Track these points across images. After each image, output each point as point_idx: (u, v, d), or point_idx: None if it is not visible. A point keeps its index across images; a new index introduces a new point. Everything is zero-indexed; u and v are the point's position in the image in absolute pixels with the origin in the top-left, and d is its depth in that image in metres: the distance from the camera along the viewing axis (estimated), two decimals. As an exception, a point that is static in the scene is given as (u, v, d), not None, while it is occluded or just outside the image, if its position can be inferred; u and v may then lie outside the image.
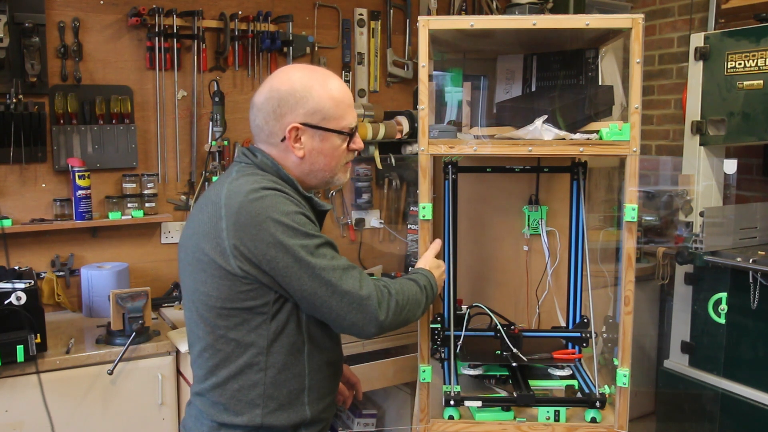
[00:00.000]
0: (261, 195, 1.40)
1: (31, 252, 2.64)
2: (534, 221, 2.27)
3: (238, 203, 1.39)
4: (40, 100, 2.56)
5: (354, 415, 3.05)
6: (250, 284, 1.41)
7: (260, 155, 1.52)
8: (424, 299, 1.62)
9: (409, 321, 1.57)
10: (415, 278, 1.64)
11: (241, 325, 1.43)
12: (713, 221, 2.77)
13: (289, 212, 1.40)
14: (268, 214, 1.38)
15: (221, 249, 1.40)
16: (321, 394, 1.53)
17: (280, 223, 1.38)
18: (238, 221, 1.39)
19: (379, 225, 3.32)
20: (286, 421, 1.47)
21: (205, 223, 1.43)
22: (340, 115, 1.52)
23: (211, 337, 1.46)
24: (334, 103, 1.51)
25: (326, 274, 1.40)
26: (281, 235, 1.37)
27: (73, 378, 2.20)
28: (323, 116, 1.50)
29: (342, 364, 1.68)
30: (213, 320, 1.45)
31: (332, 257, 1.44)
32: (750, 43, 2.67)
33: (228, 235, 1.39)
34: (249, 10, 2.96)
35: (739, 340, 2.75)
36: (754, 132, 2.70)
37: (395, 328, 1.52)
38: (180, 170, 2.89)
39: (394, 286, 1.53)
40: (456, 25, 1.88)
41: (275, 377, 1.46)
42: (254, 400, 1.45)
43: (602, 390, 1.90)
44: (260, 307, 1.42)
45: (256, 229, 1.37)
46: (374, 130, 3.10)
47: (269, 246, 1.37)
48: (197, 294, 1.46)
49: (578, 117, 1.99)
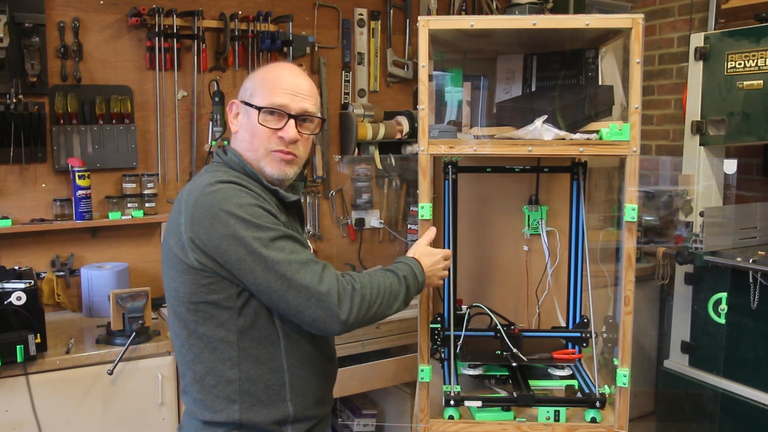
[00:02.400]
0: (216, 188, 1.41)
1: (31, 252, 2.64)
2: (534, 221, 2.27)
3: (194, 197, 1.41)
4: (40, 100, 2.56)
5: (354, 415, 3.05)
6: (210, 277, 1.41)
7: (230, 152, 1.54)
8: (402, 291, 1.53)
9: (385, 315, 1.50)
10: (394, 268, 1.57)
11: (209, 320, 1.44)
12: (713, 221, 2.77)
13: (242, 204, 1.39)
14: (221, 206, 1.38)
15: (181, 243, 1.41)
16: (304, 391, 1.52)
17: (233, 215, 1.37)
18: (194, 214, 1.40)
19: (379, 225, 3.32)
20: (267, 417, 1.47)
21: (171, 220, 1.46)
22: (267, 94, 1.50)
23: (185, 333, 1.47)
24: (264, 81, 1.52)
25: (280, 267, 1.37)
26: (234, 227, 1.37)
27: (73, 378, 2.20)
28: (252, 92, 1.52)
29: (333, 360, 1.65)
30: (184, 315, 1.46)
31: (291, 251, 1.40)
32: (750, 43, 2.67)
33: (185, 228, 1.40)
34: (249, 10, 2.96)
35: (739, 340, 2.75)
36: (754, 132, 2.70)
37: (365, 324, 1.47)
38: (180, 170, 2.89)
39: (361, 280, 1.46)
40: (456, 25, 1.88)
41: (249, 372, 1.45)
42: (231, 396, 1.45)
43: (602, 390, 1.90)
44: (224, 300, 1.42)
45: (210, 222, 1.38)
46: (374, 130, 3.10)
47: (222, 238, 1.37)
48: (170, 290, 1.48)
49: (578, 117, 1.99)
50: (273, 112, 1.50)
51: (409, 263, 1.61)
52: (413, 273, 1.58)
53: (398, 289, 1.52)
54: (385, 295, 1.48)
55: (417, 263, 1.62)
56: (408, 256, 1.67)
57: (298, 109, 1.51)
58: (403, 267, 1.58)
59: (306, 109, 1.52)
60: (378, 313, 1.47)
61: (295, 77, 1.53)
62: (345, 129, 3.17)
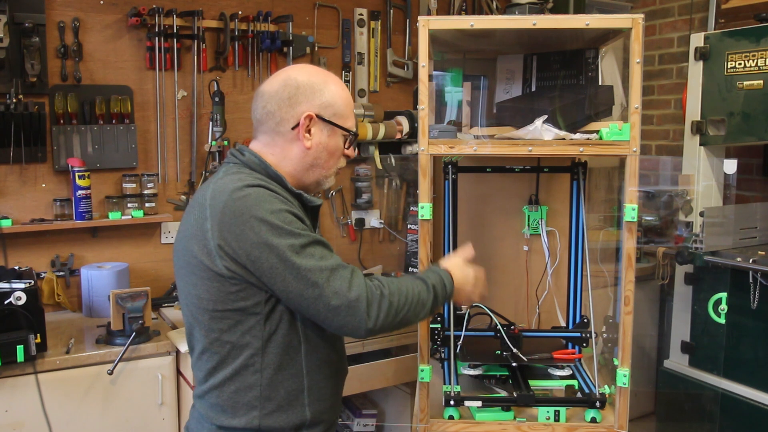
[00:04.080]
0: (245, 193, 1.37)
1: (31, 252, 2.64)
2: (534, 221, 2.27)
3: (222, 202, 1.37)
4: (40, 100, 2.56)
5: (354, 415, 3.05)
6: (238, 285, 1.38)
7: (248, 153, 1.50)
8: (430, 299, 1.52)
9: (411, 322, 1.49)
10: (424, 276, 1.55)
11: (235, 327, 1.42)
12: (713, 221, 2.77)
13: (274, 210, 1.36)
14: (252, 212, 1.35)
15: (207, 250, 1.38)
16: (321, 395, 1.52)
17: (265, 222, 1.34)
18: (223, 221, 1.36)
19: (379, 225, 3.32)
20: (285, 422, 1.46)
21: (193, 225, 1.42)
22: (348, 116, 1.53)
23: (207, 340, 1.45)
24: (344, 102, 1.52)
25: (312, 275, 1.35)
26: (266, 235, 1.34)
27: (73, 378, 2.20)
28: (334, 112, 1.50)
29: (344, 363, 1.65)
30: (207, 323, 1.43)
31: (321, 257, 1.38)
32: (750, 43, 2.67)
33: (213, 235, 1.37)
34: (249, 10, 2.96)
35: (739, 340, 2.75)
36: (754, 132, 2.70)
37: (391, 330, 1.47)
38: (180, 170, 2.88)
39: (390, 286, 1.45)
40: (456, 25, 1.88)
41: (271, 378, 1.44)
42: (251, 402, 1.44)
43: (602, 390, 1.90)
44: (252, 307, 1.40)
45: (240, 229, 1.35)
46: (374, 130, 3.10)
47: (253, 246, 1.34)
48: (190, 297, 1.45)
49: (578, 117, 1.99)
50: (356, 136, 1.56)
51: (439, 273, 1.59)
52: (443, 283, 1.56)
53: (426, 298, 1.51)
54: (413, 302, 1.47)
55: (448, 274, 1.60)
56: (440, 266, 1.64)
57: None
58: (433, 276, 1.56)
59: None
60: (404, 320, 1.46)
61: (349, 95, 1.57)
62: (345, 129, 3.16)
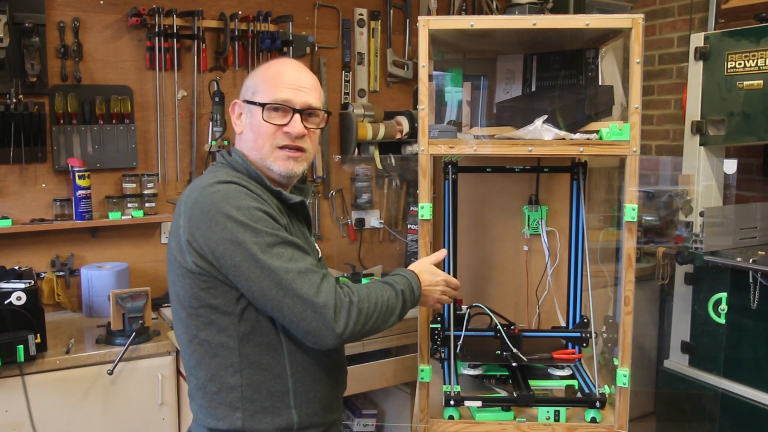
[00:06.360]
0: (215, 189, 1.37)
1: (31, 252, 2.64)
2: (534, 221, 2.27)
3: (194, 198, 1.38)
4: (40, 100, 2.56)
5: (354, 415, 3.05)
6: (207, 281, 1.37)
7: (234, 154, 1.51)
8: (399, 305, 1.48)
9: (379, 329, 1.45)
10: (392, 281, 1.52)
11: (209, 325, 1.41)
12: (713, 221, 2.77)
13: (242, 207, 1.34)
14: (219, 208, 1.34)
15: (180, 246, 1.38)
16: (310, 398, 1.48)
17: (231, 218, 1.33)
18: (192, 216, 1.36)
19: (379, 225, 3.32)
20: (270, 425, 1.43)
21: (172, 223, 1.43)
22: (269, 90, 1.47)
23: (187, 338, 1.45)
24: (266, 78, 1.50)
25: (277, 275, 1.32)
26: (232, 231, 1.32)
27: (73, 378, 2.20)
28: (254, 90, 1.50)
29: (339, 365, 1.60)
30: (185, 320, 1.43)
31: (290, 258, 1.35)
32: (750, 43, 2.67)
33: (183, 231, 1.37)
34: (249, 10, 2.96)
35: (739, 340, 2.75)
36: (754, 132, 2.70)
37: (361, 338, 1.44)
38: (180, 170, 2.88)
39: (359, 293, 1.41)
40: (456, 25, 1.88)
41: (252, 378, 1.42)
42: (233, 403, 1.42)
43: (602, 390, 1.90)
44: (224, 305, 1.39)
45: (207, 224, 1.34)
46: (374, 130, 3.10)
47: (218, 242, 1.33)
48: (172, 294, 1.46)
49: (578, 117, 1.99)
50: (277, 108, 1.47)
51: (407, 276, 1.55)
52: (410, 287, 1.53)
53: (395, 304, 1.48)
54: (382, 309, 1.44)
55: (415, 277, 1.57)
56: (408, 269, 1.61)
57: (302, 104, 1.48)
58: (401, 280, 1.53)
59: (310, 103, 1.49)
60: (374, 328, 1.43)
61: (297, 72, 1.51)
62: (345, 129, 3.16)
